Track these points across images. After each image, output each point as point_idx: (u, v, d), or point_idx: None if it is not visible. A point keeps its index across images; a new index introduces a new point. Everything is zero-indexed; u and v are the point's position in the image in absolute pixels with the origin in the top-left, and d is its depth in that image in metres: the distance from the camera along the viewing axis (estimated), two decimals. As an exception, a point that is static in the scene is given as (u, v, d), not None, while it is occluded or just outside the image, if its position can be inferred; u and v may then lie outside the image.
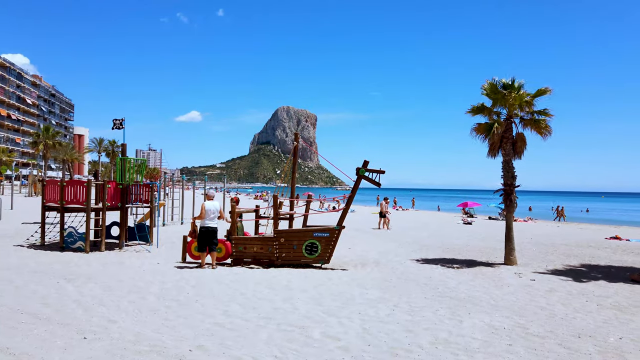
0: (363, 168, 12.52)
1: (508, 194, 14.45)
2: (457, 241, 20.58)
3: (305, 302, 8.59)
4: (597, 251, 18.34)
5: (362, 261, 14.04)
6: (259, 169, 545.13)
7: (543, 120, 13.91)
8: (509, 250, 14.24)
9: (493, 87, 14.07)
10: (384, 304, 8.61)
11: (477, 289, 10.52)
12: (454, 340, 6.62)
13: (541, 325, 7.59)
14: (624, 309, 9.00)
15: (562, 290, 10.62)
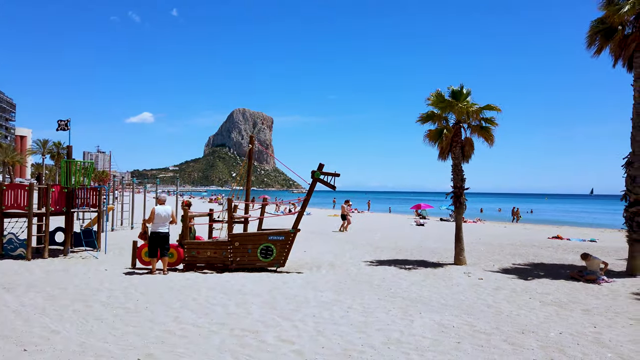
0: (318, 171, 12.58)
1: (458, 196, 14.95)
2: (410, 242, 21.05)
3: (259, 306, 8.53)
4: (540, 250, 19.26)
5: (317, 264, 14.09)
6: (213, 171, 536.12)
7: (489, 128, 14.49)
8: (459, 251, 14.72)
9: (439, 98, 14.48)
10: (338, 306, 8.68)
11: (428, 289, 10.80)
12: (406, 339, 6.77)
13: (488, 322, 7.89)
14: (564, 305, 9.50)
15: (507, 288, 11.08)
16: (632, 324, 8.16)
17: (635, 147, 13.31)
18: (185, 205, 13.25)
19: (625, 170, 13.55)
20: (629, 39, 13.19)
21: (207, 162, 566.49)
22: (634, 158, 13.31)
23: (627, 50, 13.28)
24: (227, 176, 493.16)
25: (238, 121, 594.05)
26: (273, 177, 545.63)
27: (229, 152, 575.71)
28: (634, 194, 13.28)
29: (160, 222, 11.69)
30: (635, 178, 13.27)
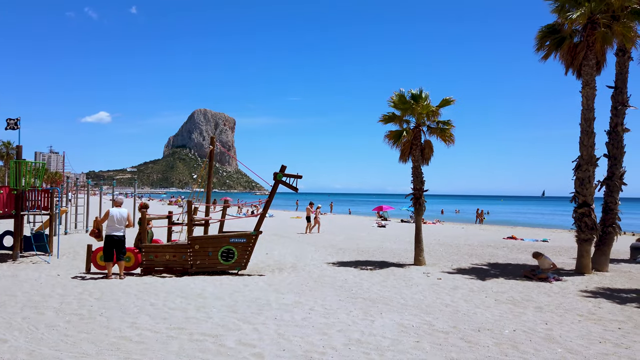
0: (280, 173, 12.55)
1: (417, 198, 15.25)
2: (371, 244, 21.29)
3: (219, 310, 8.40)
4: (495, 250, 19.90)
5: (279, 266, 14.03)
6: (174, 173, 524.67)
7: (447, 129, 14.89)
8: (418, 252, 15.01)
9: (402, 99, 14.79)
10: (299, 308, 8.67)
11: (389, 289, 10.95)
12: (366, 340, 6.83)
13: (446, 321, 8.08)
14: (517, 303, 9.85)
15: (465, 287, 11.39)
16: (581, 320, 8.55)
17: (583, 151, 13.98)
18: (142, 207, 12.89)
19: (575, 173, 14.21)
20: (578, 47, 13.84)
21: (167, 163, 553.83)
22: (582, 161, 13.97)
23: (577, 58, 13.93)
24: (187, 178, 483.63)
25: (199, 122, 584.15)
26: (235, 178, 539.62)
27: (189, 153, 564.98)
28: (583, 196, 13.94)
29: (116, 225, 11.33)
30: (584, 180, 13.93)
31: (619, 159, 15.01)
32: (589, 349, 6.76)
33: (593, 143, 13.92)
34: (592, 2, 13.12)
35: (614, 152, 15.05)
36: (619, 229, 14.96)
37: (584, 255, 13.98)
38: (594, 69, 13.81)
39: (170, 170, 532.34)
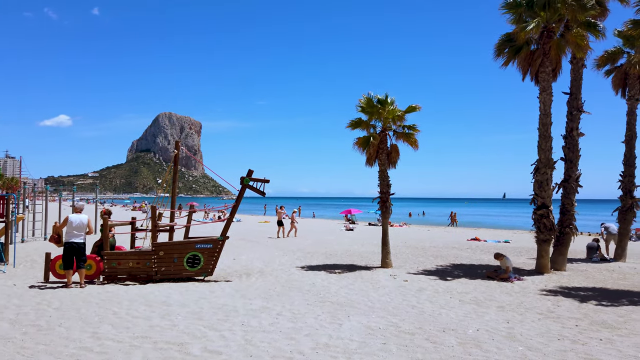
0: (248, 177, 12.45)
1: (384, 201, 15.45)
2: (339, 247, 21.39)
3: (185, 317, 8.25)
4: (460, 252, 20.36)
5: (246, 271, 13.91)
6: (137, 178, 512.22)
7: (412, 134, 15.16)
8: (385, 254, 15.19)
9: (369, 103, 14.99)
10: (267, 314, 8.61)
11: (356, 292, 11.03)
12: (334, 343, 6.86)
13: (412, 322, 8.20)
14: (480, 303, 10.10)
15: (430, 289, 11.60)
16: (540, 318, 8.85)
17: (541, 155, 14.50)
18: (104, 214, 12.53)
19: (534, 176, 14.72)
20: (535, 54, 14.38)
21: (131, 168, 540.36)
22: (541, 165, 14.49)
23: (534, 65, 14.47)
24: (152, 183, 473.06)
25: (164, 125, 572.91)
26: (202, 183, 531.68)
27: (154, 158, 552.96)
28: (541, 198, 14.46)
29: (75, 232, 10.97)
30: (542, 183, 14.44)
31: (575, 162, 15.66)
32: (548, 346, 7.00)
33: (550, 147, 14.46)
34: (547, 12, 13.68)
35: (570, 156, 15.70)
36: (575, 229, 15.58)
37: (543, 255, 14.49)
38: (550, 75, 14.37)
39: (134, 175, 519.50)
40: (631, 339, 7.55)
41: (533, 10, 13.82)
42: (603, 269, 15.67)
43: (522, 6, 14.01)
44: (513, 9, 14.11)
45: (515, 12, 14.07)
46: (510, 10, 14.15)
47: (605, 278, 13.81)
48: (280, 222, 27.06)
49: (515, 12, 14.07)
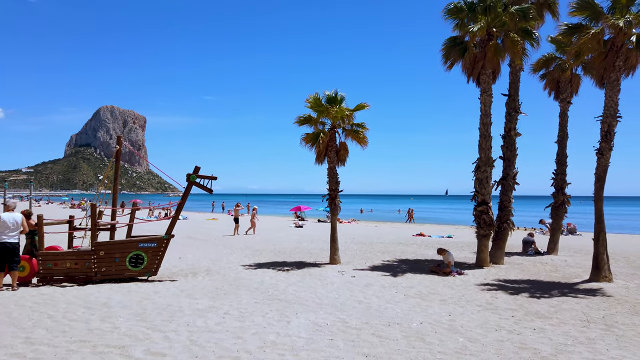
0: (194, 174, 12.17)
1: (333, 198, 15.58)
2: (288, 244, 21.37)
3: (127, 319, 7.96)
4: (406, 247, 20.91)
5: (192, 270, 13.61)
6: (77, 174, 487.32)
7: (361, 131, 15.39)
8: (334, 250, 15.35)
9: (317, 102, 15.05)
10: (213, 313, 8.47)
11: (305, 289, 11.07)
12: (281, 341, 6.85)
13: (359, 318, 8.34)
14: (424, 297, 10.43)
15: (377, 284, 11.84)
16: (480, 310, 9.26)
17: (482, 154, 15.15)
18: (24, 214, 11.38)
19: (475, 173, 15.35)
20: (477, 58, 14.98)
21: (69, 163, 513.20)
22: (481, 163, 15.14)
23: (476, 68, 15.07)
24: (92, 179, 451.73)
25: (105, 119, 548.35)
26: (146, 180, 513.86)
27: (94, 153, 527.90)
28: (481, 195, 15.11)
29: (7, 232, 10.30)
30: (482, 181, 15.10)
31: (512, 161, 16.49)
32: (486, 337, 7.34)
33: (490, 146, 15.13)
34: (488, 16, 14.29)
35: (508, 155, 16.50)
36: (512, 224, 16.41)
37: (482, 249, 15.17)
38: (490, 78, 15.04)
39: (72, 171, 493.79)
40: (561, 327, 8.06)
41: (475, 14, 14.39)
42: (537, 262, 16.61)
43: (464, 11, 14.55)
44: (455, 14, 14.63)
45: (457, 17, 14.59)
46: (453, 16, 14.67)
47: (539, 270, 14.65)
48: (237, 220, 26.86)
49: (457, 17, 14.59)
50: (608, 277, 12.50)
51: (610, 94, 12.46)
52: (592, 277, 12.67)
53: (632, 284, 12.31)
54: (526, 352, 6.66)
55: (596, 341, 7.27)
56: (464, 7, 14.55)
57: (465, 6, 14.55)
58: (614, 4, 12.23)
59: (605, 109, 12.54)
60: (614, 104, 12.43)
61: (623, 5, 12.09)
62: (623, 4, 12.08)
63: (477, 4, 14.42)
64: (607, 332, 7.79)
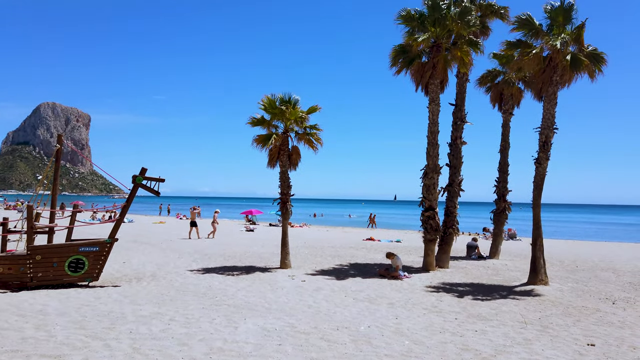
0: (140, 176, 11.79)
1: (284, 202, 15.55)
2: (238, 249, 21.09)
3: (64, 327, 7.56)
4: (356, 251, 21.17)
5: (137, 275, 13.14)
6: (13, 173, 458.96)
7: (314, 134, 15.47)
8: (284, 255, 15.30)
9: (272, 103, 15.01)
10: (158, 319, 8.21)
11: (254, 294, 10.97)
12: (229, 347, 6.74)
13: (308, 322, 8.35)
14: (373, 301, 10.59)
15: (327, 288, 11.91)
16: (425, 313, 9.52)
17: (429, 161, 15.61)
18: None
19: (422, 180, 15.80)
20: (426, 67, 15.44)
21: (5, 162, 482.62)
22: (429, 170, 15.60)
23: (424, 77, 15.53)
24: (30, 179, 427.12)
25: (46, 116, 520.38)
26: (89, 180, 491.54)
27: (33, 152, 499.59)
28: (429, 201, 15.56)
29: None
30: (430, 187, 15.56)
31: (458, 168, 17.11)
32: (431, 339, 7.55)
33: (437, 153, 15.63)
34: (437, 27, 14.80)
35: (454, 162, 17.10)
36: (457, 230, 17.01)
37: (429, 254, 15.61)
38: (439, 87, 15.55)
39: (8, 170, 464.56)
40: (501, 329, 8.42)
41: (424, 25, 14.86)
42: (480, 265, 17.29)
43: (415, 20, 14.98)
44: (407, 21, 15.03)
45: (409, 25, 15.00)
46: (405, 22, 15.06)
47: (482, 274, 15.26)
48: (194, 223, 26.34)
49: (409, 25, 15.00)
50: (544, 280, 13.18)
51: (547, 107, 13.21)
52: (530, 280, 13.33)
53: (566, 287, 13.06)
54: (468, 353, 6.90)
55: (533, 342, 7.65)
56: (416, 16, 14.98)
57: (417, 15, 14.99)
58: (552, 22, 13.00)
59: (543, 121, 13.28)
60: (551, 116, 13.19)
61: (560, 24, 12.89)
62: (560, 22, 12.88)
63: (428, 16, 14.89)
64: (542, 333, 8.21)
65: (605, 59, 12.88)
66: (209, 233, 27.04)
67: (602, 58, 12.88)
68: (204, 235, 26.69)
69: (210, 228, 27.50)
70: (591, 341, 7.74)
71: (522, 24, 13.16)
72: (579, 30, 12.76)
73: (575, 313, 9.89)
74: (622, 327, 8.77)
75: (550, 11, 12.97)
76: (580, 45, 12.90)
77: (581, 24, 12.76)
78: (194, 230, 26.35)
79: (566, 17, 12.83)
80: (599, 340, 7.81)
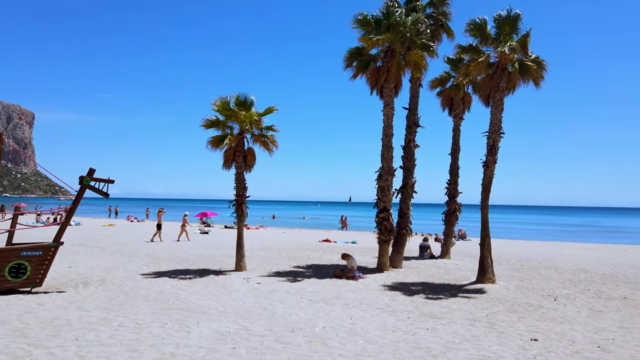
0: (88, 177, 11.34)
1: (240, 204, 15.39)
2: (192, 251, 20.68)
3: (4, 335, 7.17)
4: (312, 253, 21.23)
5: (84, 280, 12.62)
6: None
7: (270, 135, 15.41)
8: (240, 257, 15.14)
9: (225, 105, 14.81)
10: (106, 326, 7.93)
11: (208, 297, 10.78)
12: (181, 352, 6.60)
13: (262, 324, 8.30)
14: (328, 302, 10.67)
15: (282, 290, 11.88)
16: (379, 313, 9.69)
17: (384, 163, 15.91)
18: None
19: (377, 182, 16.07)
20: (381, 71, 15.73)
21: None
22: (383, 172, 15.89)
23: (379, 81, 15.82)
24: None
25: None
26: (33, 181, 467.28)
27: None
28: (383, 202, 15.85)
29: None
30: (384, 189, 15.85)
31: (411, 171, 17.53)
32: (384, 338, 7.69)
33: (392, 156, 15.95)
34: (391, 33, 15.13)
35: (407, 165, 17.51)
36: (411, 231, 17.41)
37: (383, 254, 15.89)
38: (393, 91, 15.89)
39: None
40: (451, 326, 8.69)
41: (380, 30, 15.15)
42: (432, 265, 17.77)
43: (371, 24, 15.25)
44: (363, 25, 15.27)
45: (365, 29, 15.24)
46: (361, 27, 15.29)
47: (433, 274, 15.68)
48: (159, 226, 25.72)
49: (365, 29, 15.24)
50: (492, 278, 13.72)
51: (495, 112, 13.79)
52: (478, 279, 13.84)
53: (512, 285, 13.64)
54: (419, 351, 7.08)
55: (480, 338, 7.95)
56: (372, 21, 15.24)
57: (373, 20, 15.25)
58: (499, 31, 13.60)
59: (491, 126, 13.84)
60: (498, 121, 13.77)
61: (507, 33, 13.50)
62: (507, 31, 13.49)
63: (383, 20, 15.18)
64: (489, 330, 8.55)
65: (546, 66, 13.60)
66: (179, 235, 26.79)
67: (543, 65, 13.59)
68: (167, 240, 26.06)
69: (178, 231, 27.16)
70: (534, 336, 8.13)
71: (474, 27, 13.68)
72: (524, 39, 13.41)
73: (520, 310, 10.35)
74: (563, 322, 9.26)
75: (498, 20, 13.56)
76: (525, 53, 13.56)
77: (526, 33, 13.42)
78: (158, 233, 25.91)
79: (513, 26, 13.46)
80: (541, 335, 8.21)
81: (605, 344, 7.73)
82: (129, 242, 24.66)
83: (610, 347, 7.55)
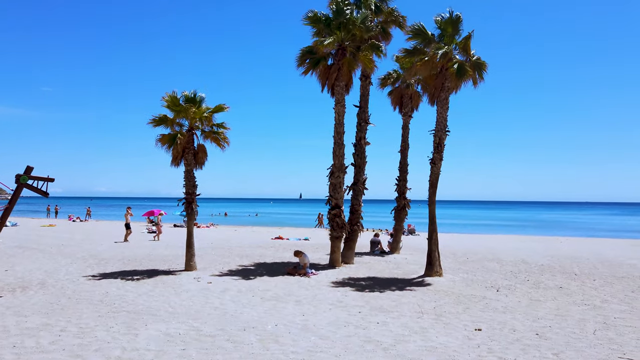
0: (26, 175, 10.75)
1: (189, 202, 15.05)
2: (140, 251, 20.04)
3: None
4: (265, 250, 21.12)
5: (22, 284, 11.95)
6: None
7: (222, 132, 15.16)
8: (190, 256, 14.83)
9: (175, 101, 14.44)
10: (47, 331, 7.55)
11: (157, 298, 10.51)
12: (128, 356, 6.40)
13: (213, 324, 8.19)
14: (280, 299, 10.66)
15: (234, 289, 11.76)
16: (331, 308, 9.80)
17: (336, 160, 16.06)
18: None
19: (329, 179, 16.20)
20: (332, 69, 15.86)
21: None
22: (335, 169, 16.05)
23: (330, 79, 15.94)
24: None
25: None
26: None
27: None
28: (335, 199, 16.00)
29: None
30: (336, 186, 16.00)
31: (362, 168, 17.79)
32: (336, 334, 7.80)
33: (343, 153, 16.13)
34: (342, 31, 15.28)
35: (358, 162, 17.75)
36: (362, 227, 17.68)
37: (335, 250, 16.06)
38: (344, 89, 16.05)
39: None
40: (400, 319, 8.93)
41: (330, 28, 15.26)
42: (382, 260, 18.15)
43: (321, 22, 15.34)
44: (314, 23, 15.34)
45: (316, 27, 15.31)
46: (312, 24, 15.36)
47: (384, 268, 16.03)
48: (128, 225, 25.28)
49: (316, 27, 15.31)
50: (439, 272, 14.20)
51: (440, 110, 14.25)
52: (426, 273, 14.28)
53: (457, 278, 14.17)
54: (370, 344, 7.23)
55: (428, 330, 8.22)
56: (322, 19, 15.33)
57: (323, 18, 15.34)
58: (442, 33, 14.07)
59: (437, 124, 14.29)
60: (444, 119, 14.24)
61: (449, 34, 13.99)
62: (449, 32, 13.98)
63: (333, 19, 15.30)
64: (437, 321, 8.86)
65: (486, 66, 14.22)
66: (155, 235, 26.45)
67: (483, 65, 14.19)
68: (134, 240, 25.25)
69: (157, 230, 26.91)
70: (478, 326, 8.50)
71: (415, 33, 14.11)
72: (466, 40, 13.95)
73: (465, 301, 10.79)
74: (505, 312, 9.74)
75: (440, 22, 14.02)
76: (467, 54, 14.10)
77: (468, 34, 13.97)
78: (128, 232, 25.23)
79: (455, 28, 13.96)
80: (485, 325, 8.60)
81: (542, 331, 8.20)
82: (71, 243, 23.55)
83: (548, 334, 8.03)
